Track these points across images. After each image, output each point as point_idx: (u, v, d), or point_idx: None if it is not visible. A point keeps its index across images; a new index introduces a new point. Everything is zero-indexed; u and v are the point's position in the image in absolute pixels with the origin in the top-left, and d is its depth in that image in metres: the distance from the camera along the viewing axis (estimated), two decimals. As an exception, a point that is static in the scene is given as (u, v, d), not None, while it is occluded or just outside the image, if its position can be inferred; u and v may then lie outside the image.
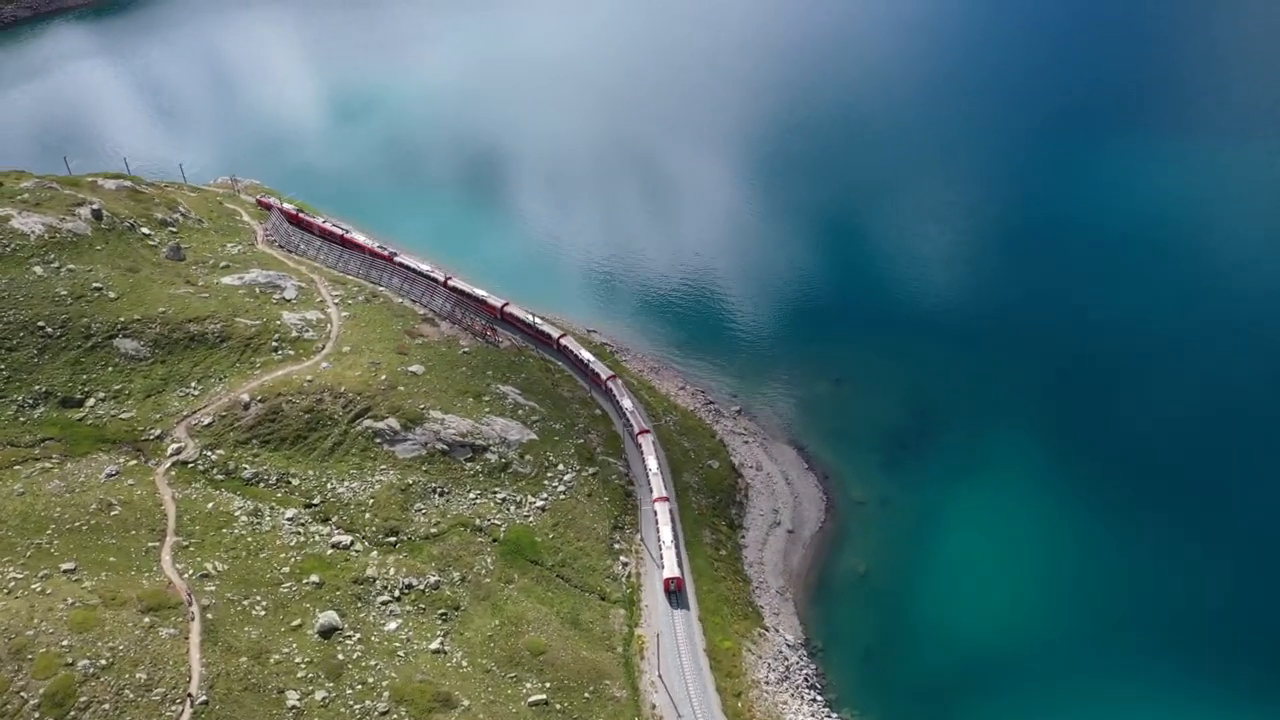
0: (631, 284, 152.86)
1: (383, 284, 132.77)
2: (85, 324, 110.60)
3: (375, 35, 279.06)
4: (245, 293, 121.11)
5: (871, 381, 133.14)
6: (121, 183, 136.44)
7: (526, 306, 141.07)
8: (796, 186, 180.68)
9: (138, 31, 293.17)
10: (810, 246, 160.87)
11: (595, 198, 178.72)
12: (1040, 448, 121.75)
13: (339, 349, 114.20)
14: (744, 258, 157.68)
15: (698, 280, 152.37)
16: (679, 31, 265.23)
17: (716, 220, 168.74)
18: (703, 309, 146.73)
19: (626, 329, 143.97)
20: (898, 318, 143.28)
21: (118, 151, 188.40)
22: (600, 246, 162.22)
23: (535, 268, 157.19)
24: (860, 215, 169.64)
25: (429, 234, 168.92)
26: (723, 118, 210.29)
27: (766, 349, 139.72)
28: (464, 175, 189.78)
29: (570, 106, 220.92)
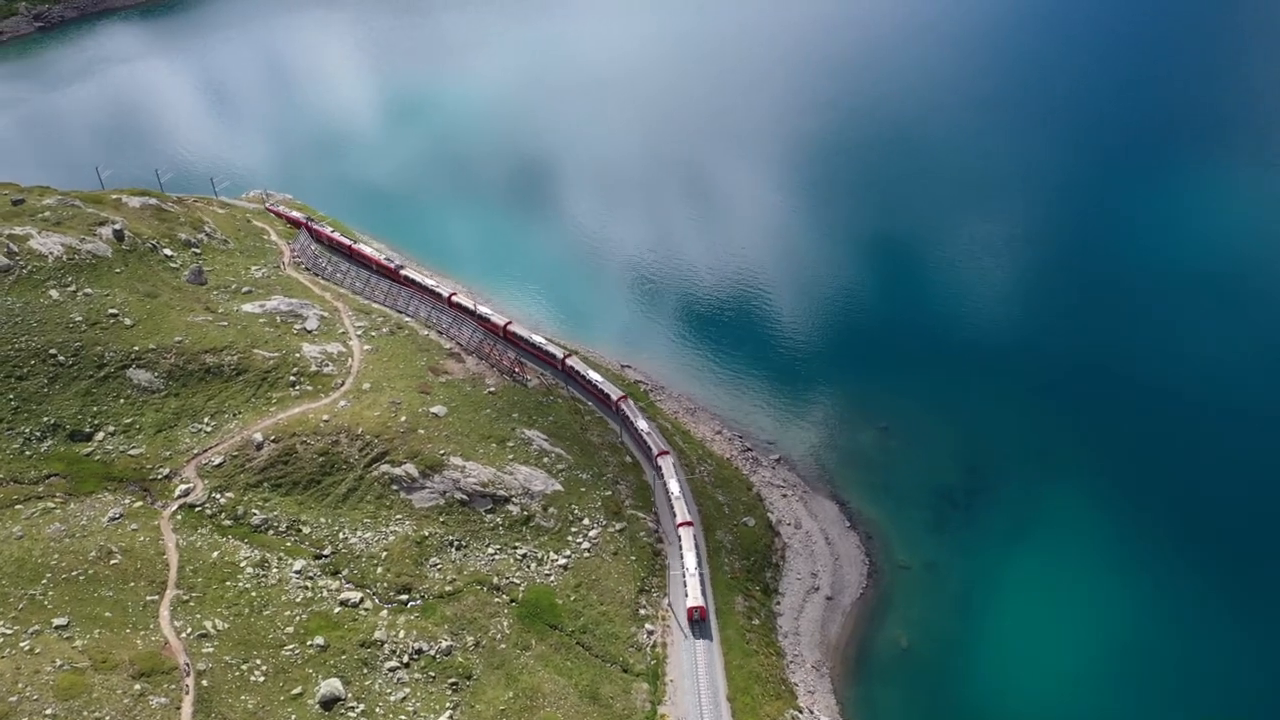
0: (670, 316, 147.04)
1: (409, 312, 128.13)
2: (99, 352, 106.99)
3: (421, 42, 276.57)
4: (265, 322, 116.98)
5: (920, 431, 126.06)
6: (146, 200, 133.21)
7: (564, 341, 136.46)
8: (845, 212, 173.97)
9: (181, 34, 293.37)
10: (857, 279, 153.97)
11: (636, 220, 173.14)
12: (1103, 511, 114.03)
13: (359, 386, 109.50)
14: (788, 290, 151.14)
15: (738, 314, 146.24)
16: (728, 44, 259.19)
17: (759, 248, 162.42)
18: (743, 345, 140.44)
19: (663, 365, 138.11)
20: (950, 360, 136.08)
21: (151, 162, 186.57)
22: (640, 275, 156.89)
23: (572, 298, 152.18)
24: (912, 245, 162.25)
25: (462, 254, 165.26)
26: (770, 136, 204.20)
27: (809, 390, 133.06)
28: (504, 192, 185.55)
29: (615, 119, 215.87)
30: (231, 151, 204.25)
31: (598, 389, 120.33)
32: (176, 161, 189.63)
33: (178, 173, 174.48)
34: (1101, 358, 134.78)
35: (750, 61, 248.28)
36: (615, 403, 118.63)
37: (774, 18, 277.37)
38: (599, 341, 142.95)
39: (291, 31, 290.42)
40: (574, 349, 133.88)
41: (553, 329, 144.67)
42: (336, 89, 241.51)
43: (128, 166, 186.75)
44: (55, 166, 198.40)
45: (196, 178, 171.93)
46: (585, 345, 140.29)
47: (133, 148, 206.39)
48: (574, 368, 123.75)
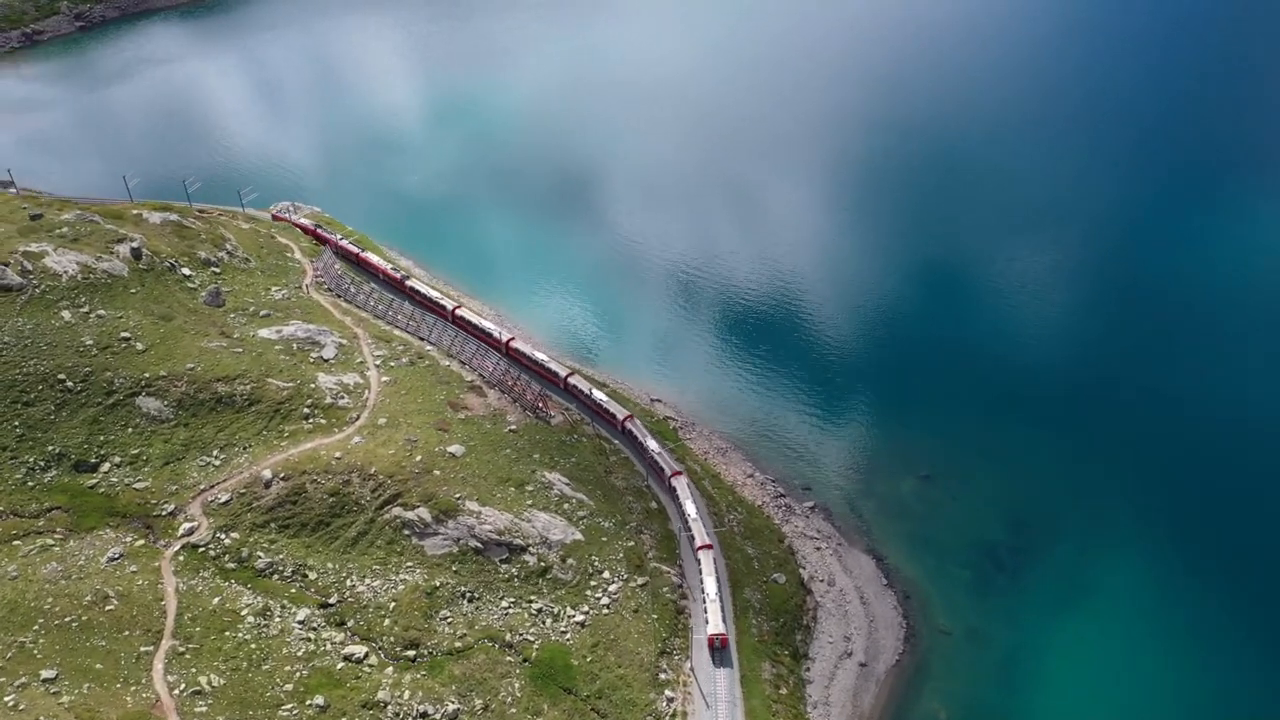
0: (702, 346, 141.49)
1: (431, 339, 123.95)
2: (108, 379, 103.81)
3: (460, 48, 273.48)
4: (281, 349, 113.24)
5: (964, 480, 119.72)
6: (168, 216, 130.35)
7: (592, 370, 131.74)
8: (888, 237, 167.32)
9: (219, 35, 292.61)
10: (900, 310, 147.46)
11: (671, 240, 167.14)
12: (1163, 577, 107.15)
13: (374, 421, 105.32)
14: (826, 322, 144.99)
15: (774, 346, 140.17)
16: (775, 55, 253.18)
17: (797, 275, 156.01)
18: (778, 380, 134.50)
19: (694, 399, 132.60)
20: (997, 403, 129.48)
21: (181, 169, 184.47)
22: (673, 299, 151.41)
23: (601, 323, 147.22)
24: (958, 275, 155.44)
25: (491, 271, 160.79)
26: (813, 151, 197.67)
27: (847, 431, 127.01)
28: (538, 207, 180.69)
29: (654, 130, 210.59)
30: (262, 160, 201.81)
31: (602, 409, 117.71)
32: (206, 169, 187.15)
33: (206, 182, 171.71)
34: (1164, 405, 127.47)
35: (796, 70, 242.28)
36: (621, 422, 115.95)
37: (822, 25, 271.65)
38: (627, 370, 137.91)
39: (330, 35, 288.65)
40: (604, 381, 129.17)
41: (580, 357, 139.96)
42: (373, 96, 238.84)
43: (157, 174, 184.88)
44: (86, 172, 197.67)
45: (225, 187, 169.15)
46: (614, 375, 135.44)
47: (164, 154, 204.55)
48: (577, 386, 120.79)
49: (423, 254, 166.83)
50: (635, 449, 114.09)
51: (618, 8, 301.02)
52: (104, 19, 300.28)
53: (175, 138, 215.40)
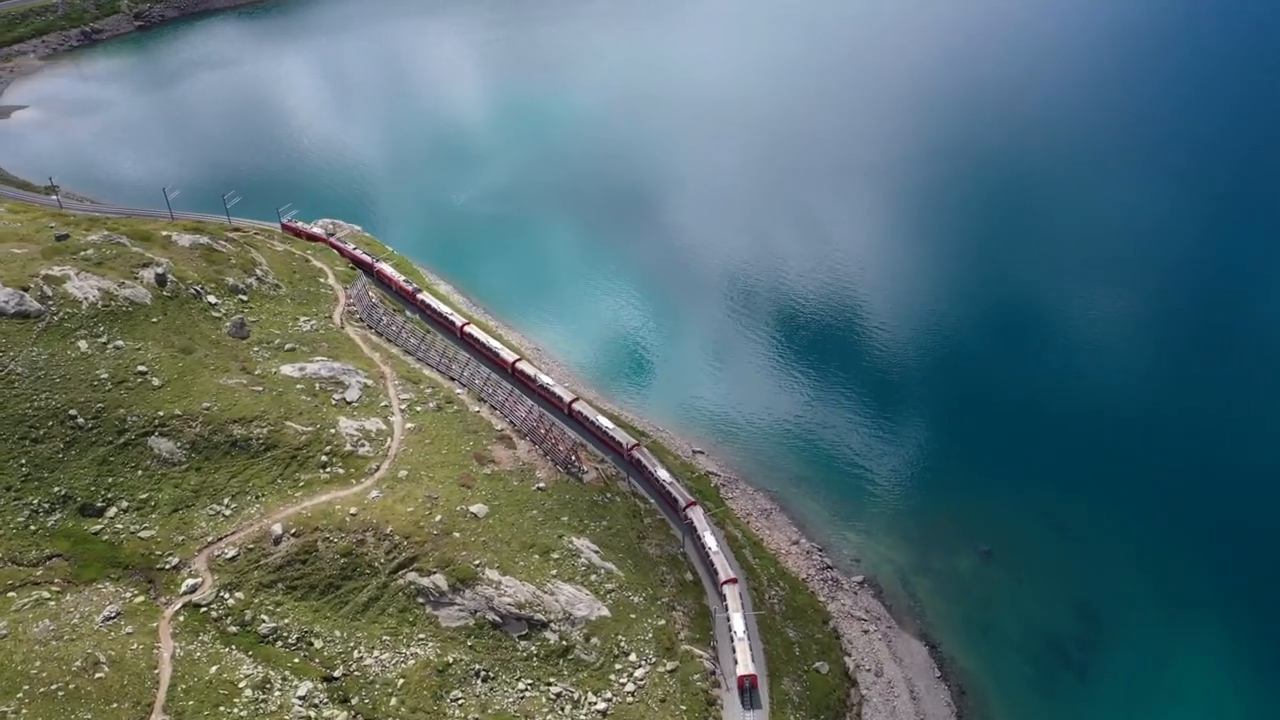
0: (752, 395, 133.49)
1: (462, 379, 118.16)
2: (121, 416, 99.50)
3: (519, 56, 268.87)
4: (303, 388, 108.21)
5: (1029, 558, 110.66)
6: (198, 238, 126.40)
7: (631, 416, 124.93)
8: (954, 278, 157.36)
9: (275, 38, 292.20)
10: (966, 364, 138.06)
11: (726, 278, 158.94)
12: (1255, 683, 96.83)
13: (394, 473, 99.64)
14: (882, 372, 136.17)
15: (827, 398, 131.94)
16: (843, 71, 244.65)
17: (856, 320, 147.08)
18: (828, 436, 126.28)
19: (738, 453, 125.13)
20: (1071, 471, 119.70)
21: (224, 179, 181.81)
22: (723, 345, 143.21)
23: (650, 369, 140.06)
24: (1032, 322, 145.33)
25: (534, 304, 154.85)
26: (879, 181, 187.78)
27: (902, 495, 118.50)
28: (591, 232, 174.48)
29: (715, 150, 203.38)
30: (306, 173, 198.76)
31: (609, 436, 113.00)
32: (248, 182, 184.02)
33: (247, 196, 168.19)
34: (1268, 483, 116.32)
35: (863, 87, 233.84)
36: (628, 451, 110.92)
37: (895, 42, 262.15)
38: (671, 417, 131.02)
39: (385, 42, 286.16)
40: (642, 431, 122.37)
41: (624, 400, 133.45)
42: (424, 106, 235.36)
43: (199, 186, 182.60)
44: (132, 179, 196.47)
45: (265, 202, 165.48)
46: (656, 422, 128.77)
47: (208, 163, 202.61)
48: (581, 412, 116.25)
49: (464, 279, 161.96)
50: (648, 481, 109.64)
51: (681, 18, 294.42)
52: (163, 19, 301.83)
53: (221, 146, 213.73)
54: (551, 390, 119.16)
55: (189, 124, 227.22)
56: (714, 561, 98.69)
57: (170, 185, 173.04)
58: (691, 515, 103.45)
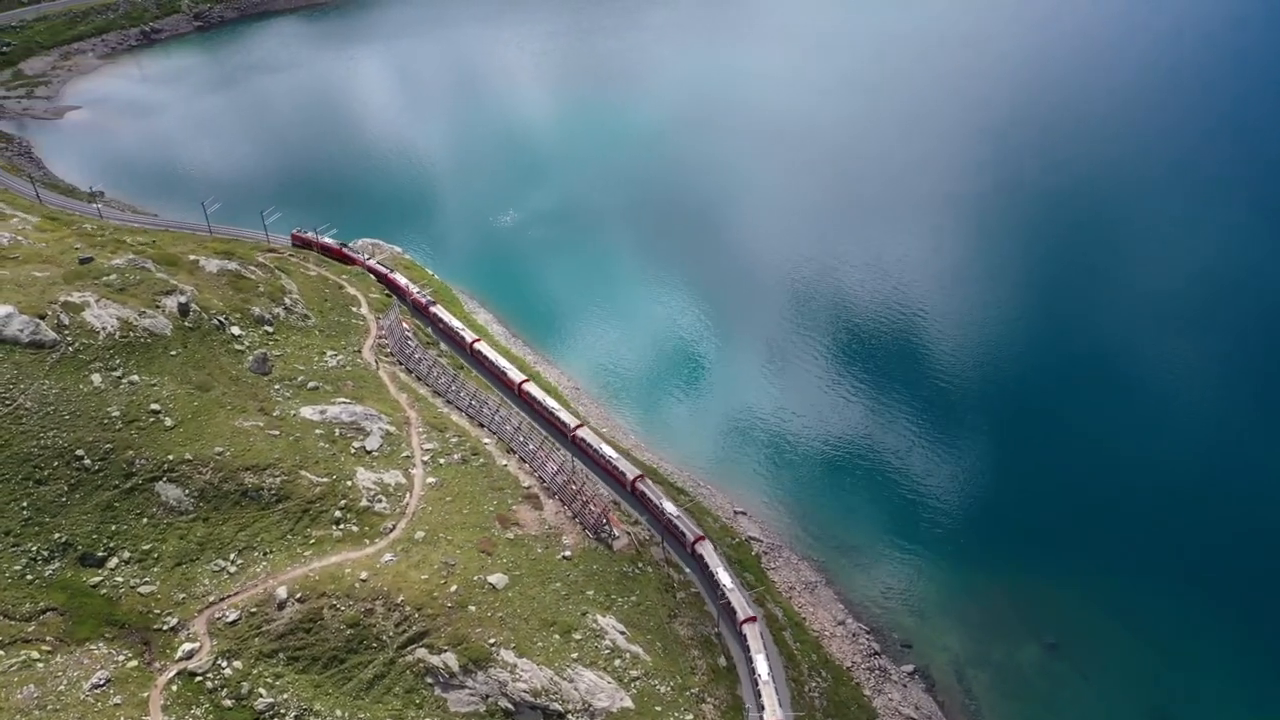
0: (803, 450, 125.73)
1: (493, 425, 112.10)
2: (129, 458, 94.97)
3: (577, 68, 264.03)
4: (322, 434, 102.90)
5: (1098, 652, 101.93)
6: (226, 264, 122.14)
7: (672, 470, 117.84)
8: (1026, 325, 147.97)
9: (333, 42, 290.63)
10: (1035, 430, 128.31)
11: (783, 314, 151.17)
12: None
13: (411, 533, 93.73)
14: (946, 435, 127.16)
15: (883, 460, 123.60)
16: (915, 88, 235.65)
17: (919, 374, 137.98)
18: (885, 501, 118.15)
19: (783, 516, 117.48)
20: (1149, 556, 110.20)
21: (268, 192, 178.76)
22: (775, 394, 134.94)
23: (695, 418, 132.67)
24: (1114, 380, 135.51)
25: (574, 337, 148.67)
26: (953, 214, 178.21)
27: (960, 576, 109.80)
28: (643, 260, 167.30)
29: (780, 171, 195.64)
30: (351, 186, 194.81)
31: (612, 466, 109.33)
32: (291, 196, 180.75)
33: (287, 212, 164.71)
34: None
35: (942, 107, 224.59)
36: (631, 483, 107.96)
37: (980, 56, 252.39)
38: (713, 472, 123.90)
39: (441, 50, 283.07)
40: (680, 488, 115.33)
41: (660, 450, 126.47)
42: (476, 120, 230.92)
43: (241, 197, 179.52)
44: (174, 188, 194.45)
45: (304, 219, 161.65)
46: (696, 477, 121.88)
47: (253, 173, 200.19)
48: (584, 439, 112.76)
49: (506, 307, 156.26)
50: (651, 512, 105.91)
51: (747, 32, 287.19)
52: (222, 20, 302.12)
53: (268, 154, 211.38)
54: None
55: (239, 131, 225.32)
56: (732, 599, 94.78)
57: (214, 196, 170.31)
58: (701, 550, 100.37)
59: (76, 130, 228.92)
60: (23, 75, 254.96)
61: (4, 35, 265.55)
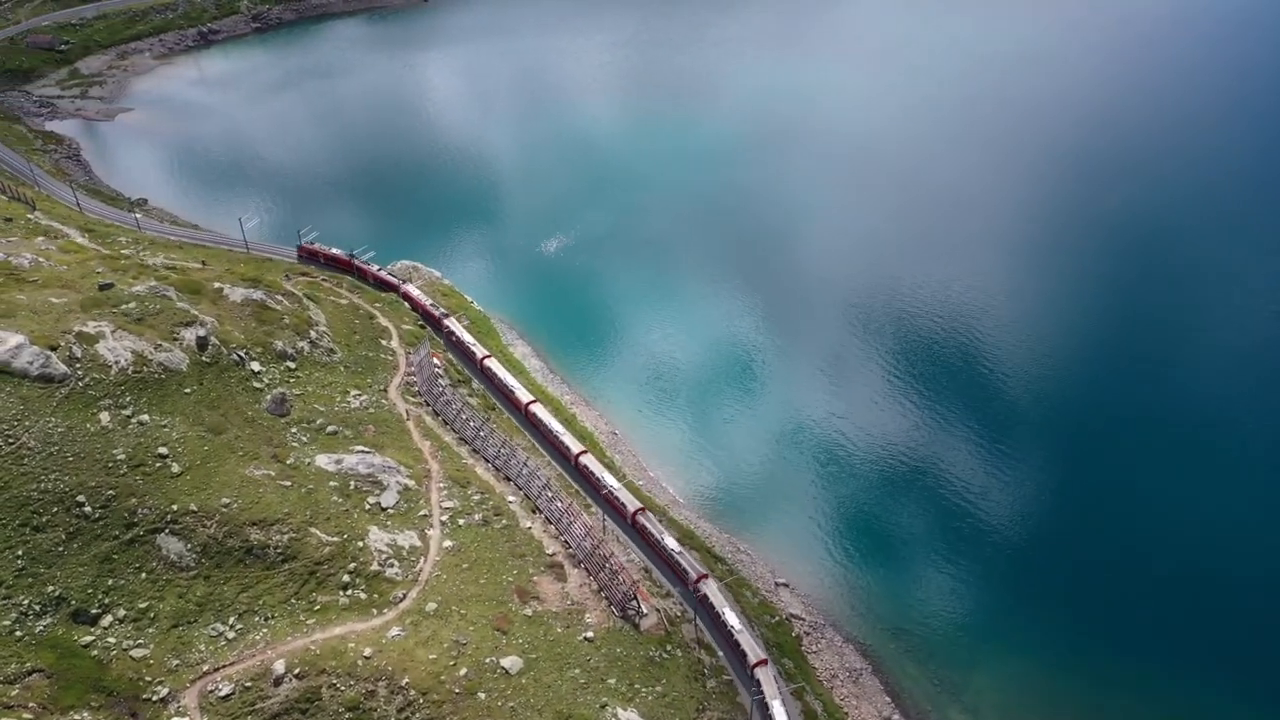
0: (857, 515, 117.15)
1: (520, 481, 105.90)
2: (131, 507, 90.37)
3: (640, 81, 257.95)
4: (336, 486, 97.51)
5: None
6: (251, 293, 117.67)
7: (710, 529, 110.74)
8: (1116, 387, 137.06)
9: (391, 47, 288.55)
10: (1120, 511, 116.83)
11: (844, 358, 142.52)
12: None
13: (422, 604, 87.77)
14: (1017, 513, 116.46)
15: (947, 534, 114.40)
16: (1000, 111, 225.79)
17: (987, 448, 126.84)
18: (942, 582, 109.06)
19: (830, 589, 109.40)
20: (1243, 660, 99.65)
21: (304, 210, 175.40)
22: (827, 451, 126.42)
23: (738, 461, 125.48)
24: (1218, 455, 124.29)
25: (617, 379, 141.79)
26: (1038, 255, 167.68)
27: (1023, 672, 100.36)
28: (690, 289, 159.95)
29: (851, 197, 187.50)
30: (393, 205, 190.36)
31: (614, 499, 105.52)
32: (332, 212, 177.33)
33: (326, 230, 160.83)
34: None
35: (1029, 134, 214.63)
36: (632, 515, 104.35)
37: (1074, 79, 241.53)
38: (754, 533, 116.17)
39: (497, 60, 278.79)
40: (719, 556, 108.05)
41: (700, 506, 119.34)
42: (530, 134, 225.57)
43: (283, 211, 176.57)
44: (216, 200, 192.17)
45: (342, 238, 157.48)
46: (738, 539, 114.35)
47: (295, 185, 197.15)
48: (589, 468, 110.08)
49: (548, 341, 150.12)
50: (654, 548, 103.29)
51: (819, 46, 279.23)
52: (280, 21, 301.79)
53: (313, 164, 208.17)
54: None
55: (286, 140, 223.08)
56: (740, 640, 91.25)
57: (251, 212, 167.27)
58: (705, 590, 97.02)
59: (127, 133, 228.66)
60: (79, 74, 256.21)
61: (64, 33, 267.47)
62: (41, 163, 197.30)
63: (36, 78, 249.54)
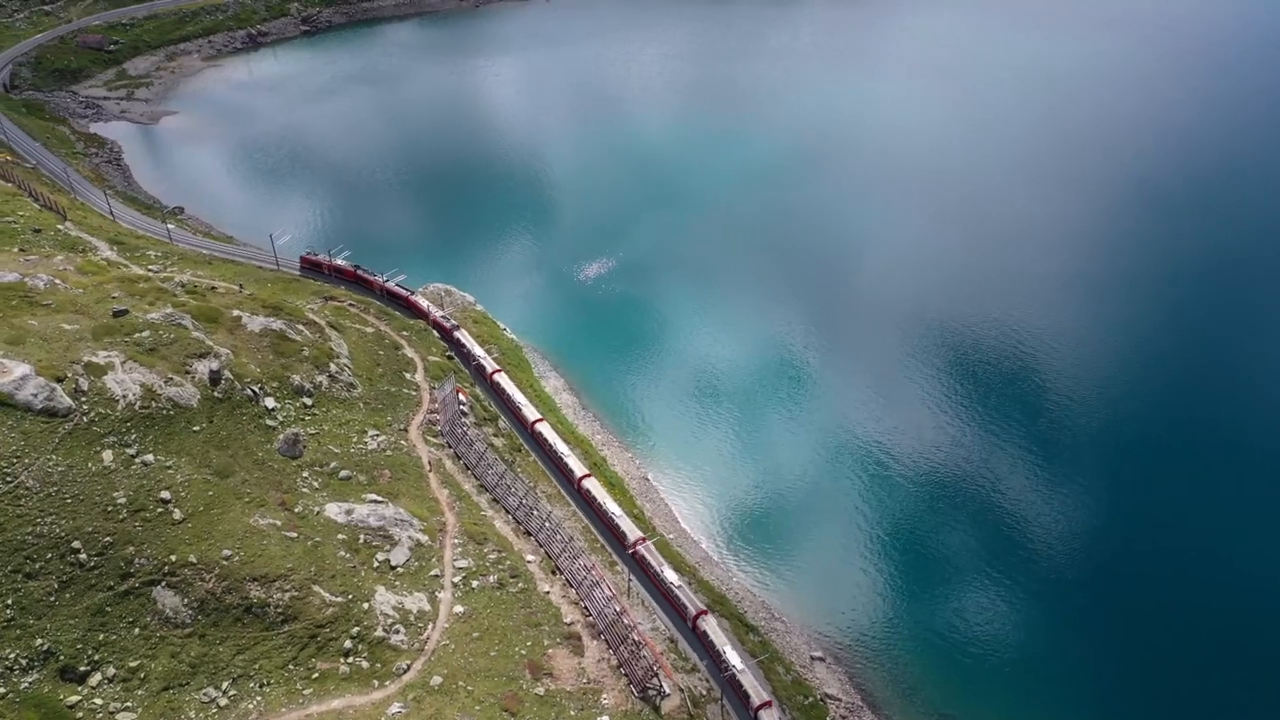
0: (909, 588, 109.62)
1: (543, 533, 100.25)
2: (129, 556, 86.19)
3: (693, 88, 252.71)
4: (344, 540, 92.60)
5: None
6: (270, 322, 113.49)
7: (749, 580, 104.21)
8: (1201, 444, 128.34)
9: (435, 54, 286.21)
10: (1211, 584, 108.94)
11: (907, 410, 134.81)
12: None
13: (426, 677, 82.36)
14: (1081, 590, 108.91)
15: (1006, 609, 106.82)
16: (1075, 136, 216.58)
17: (1061, 509, 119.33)
18: (996, 664, 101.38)
19: (870, 666, 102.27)
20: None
21: (342, 224, 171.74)
22: (884, 506, 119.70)
23: (779, 514, 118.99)
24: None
25: (650, 418, 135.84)
26: (1118, 304, 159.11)
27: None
28: (738, 319, 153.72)
29: (921, 226, 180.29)
30: (428, 222, 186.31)
31: (614, 526, 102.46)
32: (366, 228, 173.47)
33: (359, 247, 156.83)
34: None
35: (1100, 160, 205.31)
36: (633, 545, 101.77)
37: (1153, 103, 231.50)
38: (793, 600, 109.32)
39: (543, 68, 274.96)
40: (752, 625, 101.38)
41: (736, 560, 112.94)
42: (576, 148, 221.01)
43: (313, 228, 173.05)
44: (254, 210, 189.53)
45: (375, 257, 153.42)
46: (771, 601, 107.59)
47: (334, 197, 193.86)
48: (590, 491, 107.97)
49: (582, 374, 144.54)
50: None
51: (880, 59, 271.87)
52: (330, 24, 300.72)
53: (350, 178, 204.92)
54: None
55: (327, 150, 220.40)
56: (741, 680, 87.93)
57: (291, 223, 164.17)
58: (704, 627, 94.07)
59: (170, 137, 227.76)
60: (126, 75, 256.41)
61: (113, 33, 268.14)
62: (80, 167, 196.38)
63: (84, 78, 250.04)
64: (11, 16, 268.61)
